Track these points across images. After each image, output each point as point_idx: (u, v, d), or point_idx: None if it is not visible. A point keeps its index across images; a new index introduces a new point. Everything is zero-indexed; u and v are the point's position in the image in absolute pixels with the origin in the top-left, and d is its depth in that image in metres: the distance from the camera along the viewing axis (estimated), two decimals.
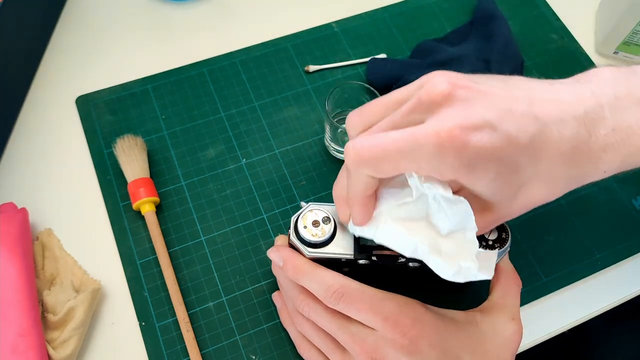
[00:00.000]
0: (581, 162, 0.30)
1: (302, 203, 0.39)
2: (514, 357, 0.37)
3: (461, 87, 0.29)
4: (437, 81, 0.29)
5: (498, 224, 0.34)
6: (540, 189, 0.31)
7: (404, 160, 0.29)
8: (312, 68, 0.56)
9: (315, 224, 0.38)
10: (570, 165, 0.30)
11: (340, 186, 0.36)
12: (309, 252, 0.38)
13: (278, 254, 0.40)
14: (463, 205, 0.31)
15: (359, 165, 0.31)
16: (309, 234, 0.38)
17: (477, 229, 0.32)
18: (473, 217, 0.31)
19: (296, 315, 0.41)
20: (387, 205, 0.35)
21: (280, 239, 0.44)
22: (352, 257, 0.38)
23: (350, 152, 0.31)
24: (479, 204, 0.32)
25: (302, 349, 0.42)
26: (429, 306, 0.37)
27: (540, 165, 0.30)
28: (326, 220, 0.38)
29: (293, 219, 0.39)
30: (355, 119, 0.34)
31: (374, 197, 0.35)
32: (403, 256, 0.36)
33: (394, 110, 0.31)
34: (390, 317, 0.35)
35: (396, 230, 0.34)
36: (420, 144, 0.28)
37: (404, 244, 0.34)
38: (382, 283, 0.37)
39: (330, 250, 0.38)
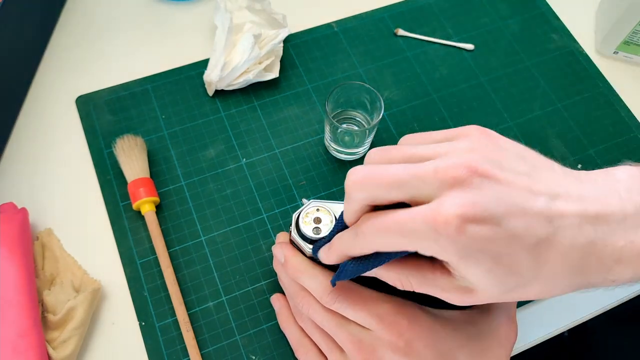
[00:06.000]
0: (589, 271, 0.28)
1: (304, 200, 0.39)
2: (509, 356, 0.37)
3: (480, 175, 0.27)
4: (456, 163, 0.27)
5: (477, 304, 0.31)
6: (536, 289, 0.29)
7: (402, 239, 0.28)
8: (401, 32, 0.57)
9: (317, 220, 0.38)
10: (576, 273, 0.28)
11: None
12: (310, 248, 0.38)
13: (281, 251, 0.40)
14: None
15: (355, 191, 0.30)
16: (310, 230, 0.38)
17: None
18: None
19: (298, 312, 0.41)
20: None
21: (282, 236, 0.44)
22: None
23: (351, 177, 0.30)
24: (463, 284, 0.29)
25: (299, 353, 0.42)
26: (425, 307, 0.37)
27: (542, 269, 0.28)
28: (327, 217, 0.38)
29: (295, 215, 0.39)
30: (375, 155, 0.32)
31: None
32: None
33: (415, 163, 0.29)
34: (386, 318, 0.35)
35: None
36: (417, 225, 0.27)
37: None
38: (381, 283, 0.37)
39: None
